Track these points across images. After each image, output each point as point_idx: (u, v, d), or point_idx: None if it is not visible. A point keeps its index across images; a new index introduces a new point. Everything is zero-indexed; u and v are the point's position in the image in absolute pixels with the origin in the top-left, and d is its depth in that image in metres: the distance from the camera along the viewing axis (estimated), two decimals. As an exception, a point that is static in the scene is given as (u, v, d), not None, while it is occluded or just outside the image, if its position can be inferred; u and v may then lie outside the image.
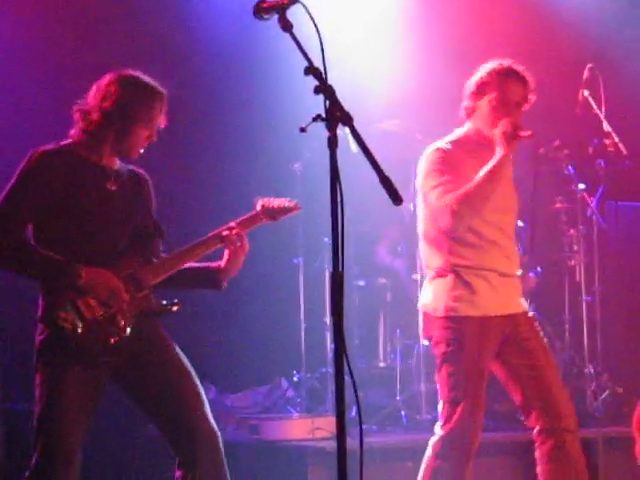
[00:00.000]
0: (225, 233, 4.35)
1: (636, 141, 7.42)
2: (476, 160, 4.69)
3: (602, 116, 7.21)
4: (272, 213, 4.50)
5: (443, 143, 4.79)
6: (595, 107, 7.23)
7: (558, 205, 7.65)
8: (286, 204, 4.53)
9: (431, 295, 4.79)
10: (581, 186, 7.53)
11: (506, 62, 4.79)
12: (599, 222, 7.54)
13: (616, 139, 7.17)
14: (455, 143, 4.79)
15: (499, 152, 4.62)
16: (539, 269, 7.54)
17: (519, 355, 4.71)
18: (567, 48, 8.12)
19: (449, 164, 4.70)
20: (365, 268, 7.68)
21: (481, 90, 4.76)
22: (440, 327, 4.71)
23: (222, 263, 4.38)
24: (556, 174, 7.59)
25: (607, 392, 7.30)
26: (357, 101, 4.56)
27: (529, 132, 4.62)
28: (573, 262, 7.54)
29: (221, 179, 7.95)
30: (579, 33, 8.11)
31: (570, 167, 7.50)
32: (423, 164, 4.78)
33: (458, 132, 4.87)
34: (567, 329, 7.55)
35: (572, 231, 7.57)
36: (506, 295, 4.76)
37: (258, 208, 4.47)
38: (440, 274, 4.77)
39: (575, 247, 7.56)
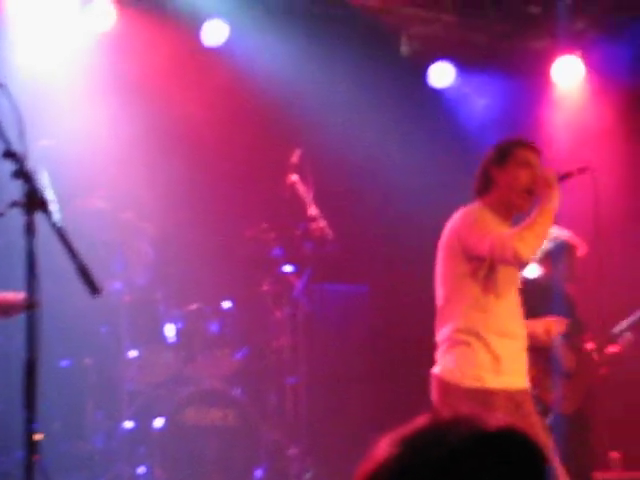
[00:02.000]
0: None
1: (342, 224, 7.60)
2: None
3: (309, 200, 7.35)
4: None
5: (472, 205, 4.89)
6: (302, 191, 7.36)
7: (265, 287, 7.70)
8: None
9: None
10: (288, 268, 7.63)
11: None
12: (305, 304, 7.65)
13: (322, 223, 7.31)
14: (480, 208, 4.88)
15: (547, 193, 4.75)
16: (246, 350, 7.55)
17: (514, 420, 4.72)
18: (275, 132, 8.24)
19: (485, 218, 4.81)
20: (70, 348, 7.42)
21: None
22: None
23: None
24: (264, 256, 7.65)
25: (310, 473, 7.36)
26: (59, 173, 4.39)
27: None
28: (279, 344, 7.59)
29: None
30: (287, 116, 8.25)
31: (277, 249, 7.60)
32: (460, 225, 4.82)
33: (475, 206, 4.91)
34: (272, 410, 7.58)
35: (278, 313, 7.64)
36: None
37: None
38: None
39: (281, 329, 7.63)
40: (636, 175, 8.72)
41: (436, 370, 4.90)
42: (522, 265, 4.88)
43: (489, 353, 4.78)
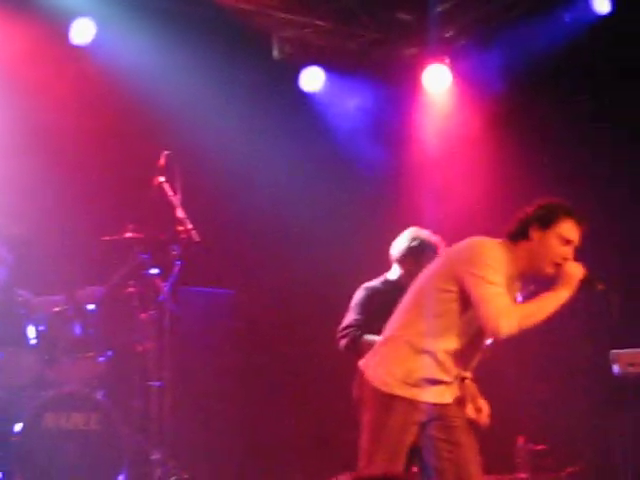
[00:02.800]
0: None
1: (208, 228, 7.55)
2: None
3: (176, 203, 7.27)
4: None
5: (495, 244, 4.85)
6: (169, 194, 7.28)
7: (131, 289, 7.60)
8: None
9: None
10: (154, 271, 7.54)
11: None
12: (171, 307, 7.58)
13: (189, 226, 7.24)
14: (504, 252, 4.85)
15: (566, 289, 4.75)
16: (109, 353, 7.46)
17: (438, 432, 4.83)
18: (143, 134, 8.15)
19: (501, 271, 4.75)
20: None
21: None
22: None
23: None
24: (129, 258, 7.55)
25: (173, 478, 7.29)
26: None
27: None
28: (143, 347, 7.50)
29: None
30: (155, 117, 8.17)
31: (143, 251, 7.49)
32: (469, 254, 4.79)
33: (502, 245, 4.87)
34: (136, 414, 7.49)
35: (144, 315, 7.54)
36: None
37: None
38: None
39: (146, 332, 7.54)
40: (501, 181, 8.88)
41: (361, 362, 5.01)
42: (497, 339, 4.80)
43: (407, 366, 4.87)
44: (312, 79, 8.92)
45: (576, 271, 4.79)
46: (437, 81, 8.95)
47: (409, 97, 9.19)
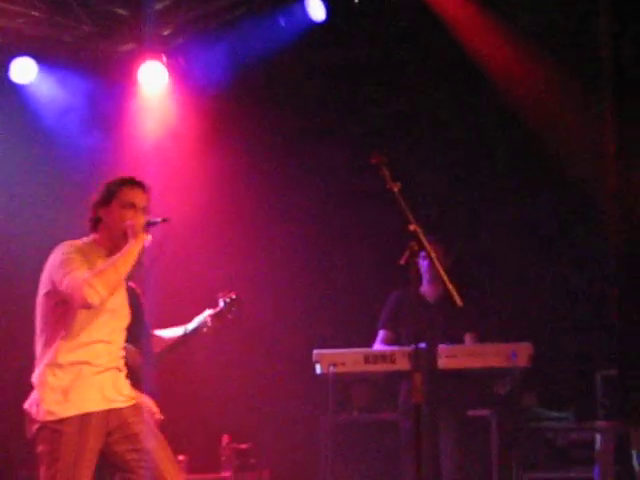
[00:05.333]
0: None
1: None
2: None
3: None
4: None
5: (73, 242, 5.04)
6: None
7: None
8: None
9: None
10: None
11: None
12: None
13: None
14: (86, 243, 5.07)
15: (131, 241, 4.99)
16: None
17: (124, 445, 4.88)
18: None
19: (81, 254, 4.94)
20: None
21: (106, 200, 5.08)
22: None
23: None
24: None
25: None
26: None
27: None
28: None
29: None
30: None
31: None
32: (53, 259, 4.95)
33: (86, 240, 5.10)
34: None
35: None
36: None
37: None
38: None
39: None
40: (217, 180, 8.91)
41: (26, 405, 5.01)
42: (90, 308, 4.93)
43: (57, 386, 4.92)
44: (23, 70, 8.64)
45: (135, 219, 5.07)
46: (153, 78, 8.87)
47: (125, 92, 9.07)
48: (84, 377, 4.94)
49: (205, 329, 6.09)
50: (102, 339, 5.01)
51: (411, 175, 5.86)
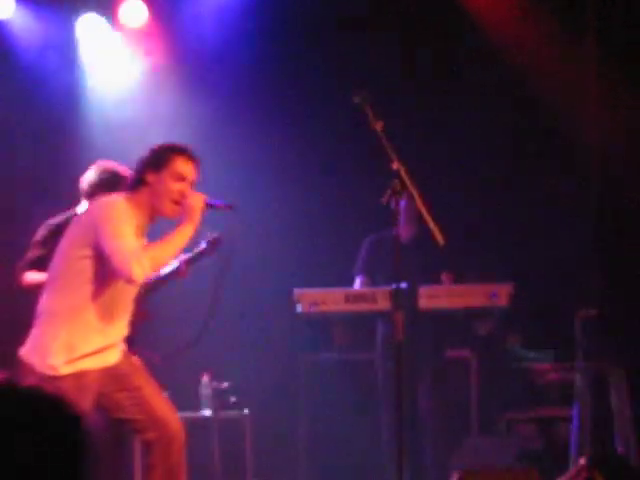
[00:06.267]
0: None
1: None
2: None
3: None
4: None
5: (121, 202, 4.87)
6: None
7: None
8: None
9: None
10: None
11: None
12: None
13: None
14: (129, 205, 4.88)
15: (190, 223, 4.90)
16: None
17: (112, 386, 4.92)
18: None
19: (129, 221, 4.82)
20: None
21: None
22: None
23: None
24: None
25: None
26: None
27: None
28: None
29: None
30: None
31: None
32: (99, 217, 4.82)
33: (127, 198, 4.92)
34: None
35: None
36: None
37: None
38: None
39: None
40: (199, 120, 8.80)
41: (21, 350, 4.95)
42: (132, 284, 4.90)
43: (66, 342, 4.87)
44: (2, 5, 8.48)
45: (196, 203, 4.95)
46: (133, 15, 8.72)
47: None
48: (91, 342, 4.88)
49: (180, 275, 5.99)
50: (116, 312, 4.95)
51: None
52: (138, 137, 7.52)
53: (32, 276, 6.06)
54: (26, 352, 4.88)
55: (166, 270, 5.81)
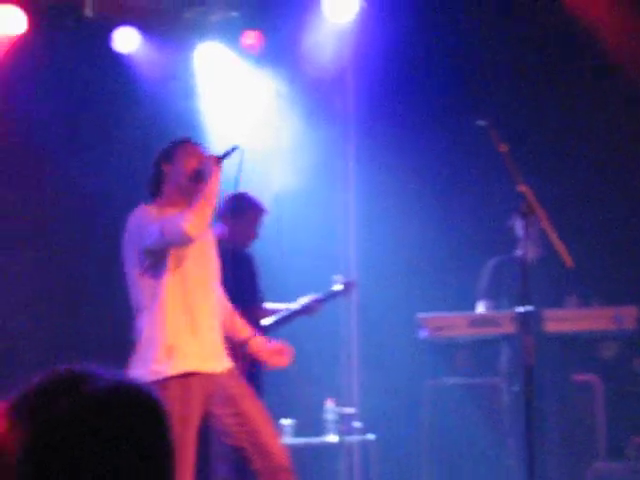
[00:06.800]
0: None
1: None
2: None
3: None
4: None
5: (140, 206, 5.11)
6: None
7: None
8: None
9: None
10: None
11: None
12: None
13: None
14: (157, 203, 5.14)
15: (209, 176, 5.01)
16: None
17: (223, 409, 4.96)
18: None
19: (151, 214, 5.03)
20: None
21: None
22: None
23: None
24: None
25: None
26: None
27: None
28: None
29: None
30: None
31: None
32: (130, 229, 5.04)
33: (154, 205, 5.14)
34: None
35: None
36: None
37: None
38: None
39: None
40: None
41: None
42: (192, 242, 4.98)
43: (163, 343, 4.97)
44: (126, 40, 8.66)
45: (211, 161, 5.08)
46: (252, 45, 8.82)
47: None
48: (185, 336, 4.98)
49: (311, 312, 6.16)
50: (199, 298, 5.06)
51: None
52: (261, 165, 7.62)
53: None
54: (132, 371, 4.94)
55: (297, 307, 5.96)
